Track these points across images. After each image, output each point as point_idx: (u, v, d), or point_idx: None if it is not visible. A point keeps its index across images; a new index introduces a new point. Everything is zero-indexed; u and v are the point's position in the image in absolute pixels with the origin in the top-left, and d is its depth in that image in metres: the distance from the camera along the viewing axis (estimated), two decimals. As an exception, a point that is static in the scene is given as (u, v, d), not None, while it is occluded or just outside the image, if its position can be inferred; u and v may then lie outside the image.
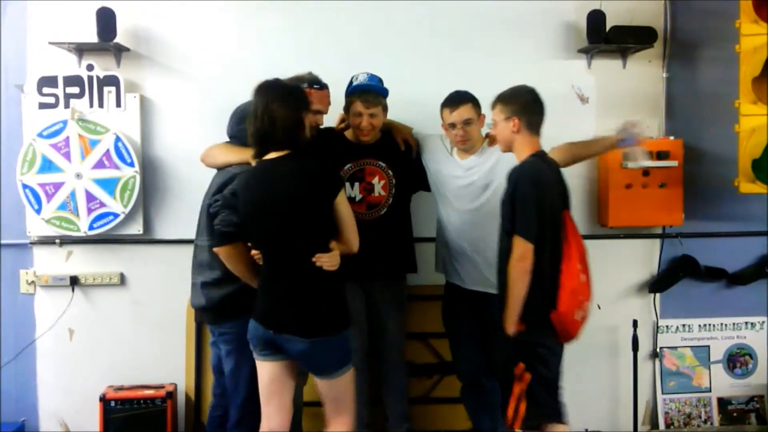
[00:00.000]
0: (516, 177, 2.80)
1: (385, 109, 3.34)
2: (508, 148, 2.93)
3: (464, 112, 3.22)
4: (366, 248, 2.84)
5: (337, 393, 2.78)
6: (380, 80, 3.35)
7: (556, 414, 2.95)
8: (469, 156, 3.31)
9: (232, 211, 2.82)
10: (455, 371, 3.55)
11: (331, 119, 3.38)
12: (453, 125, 3.24)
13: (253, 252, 2.81)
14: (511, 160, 2.92)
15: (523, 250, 2.76)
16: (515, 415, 2.83)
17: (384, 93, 3.32)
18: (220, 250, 2.84)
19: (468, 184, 3.29)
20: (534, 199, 2.75)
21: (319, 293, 2.67)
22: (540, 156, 2.89)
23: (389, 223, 3.37)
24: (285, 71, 2.99)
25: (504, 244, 2.87)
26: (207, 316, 3.08)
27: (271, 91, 2.72)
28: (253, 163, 2.86)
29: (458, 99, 3.25)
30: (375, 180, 3.36)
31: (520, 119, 2.88)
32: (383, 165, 3.38)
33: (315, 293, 2.67)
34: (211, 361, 3.20)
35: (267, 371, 2.78)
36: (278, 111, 2.66)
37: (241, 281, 2.88)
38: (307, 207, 2.65)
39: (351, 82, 3.33)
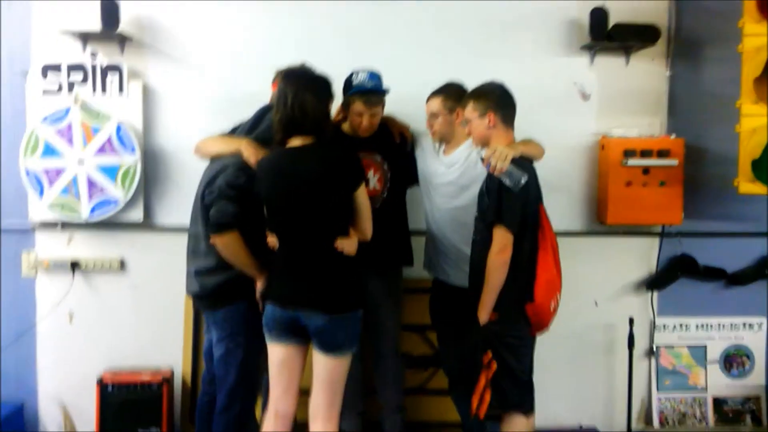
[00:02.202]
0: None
1: (383, 105, 3.35)
2: (484, 144, 2.95)
3: (432, 105, 3.29)
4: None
5: (339, 375, 2.82)
6: (379, 77, 3.34)
7: (520, 405, 2.98)
8: (452, 152, 3.32)
9: (228, 201, 2.86)
10: (442, 366, 3.58)
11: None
12: (428, 116, 3.30)
13: (269, 238, 2.86)
14: None
15: (504, 241, 2.81)
16: (480, 404, 2.87)
17: (385, 92, 3.32)
18: (216, 240, 2.87)
19: (448, 182, 3.30)
20: (520, 191, 2.78)
21: (338, 273, 2.78)
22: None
23: (385, 216, 3.36)
24: (288, 61, 2.99)
25: (481, 235, 2.90)
26: (201, 303, 3.13)
27: (302, 80, 2.79)
28: (247, 151, 2.89)
29: (434, 92, 3.30)
30: (370, 173, 3.38)
31: (495, 114, 2.91)
32: (379, 159, 3.40)
33: (334, 273, 2.77)
34: (204, 347, 3.25)
35: (279, 355, 2.84)
36: (309, 100, 2.73)
37: (235, 269, 2.92)
38: (331, 194, 2.74)
39: (350, 80, 3.32)
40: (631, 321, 3.78)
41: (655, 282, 3.90)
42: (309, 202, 2.74)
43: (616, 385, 3.93)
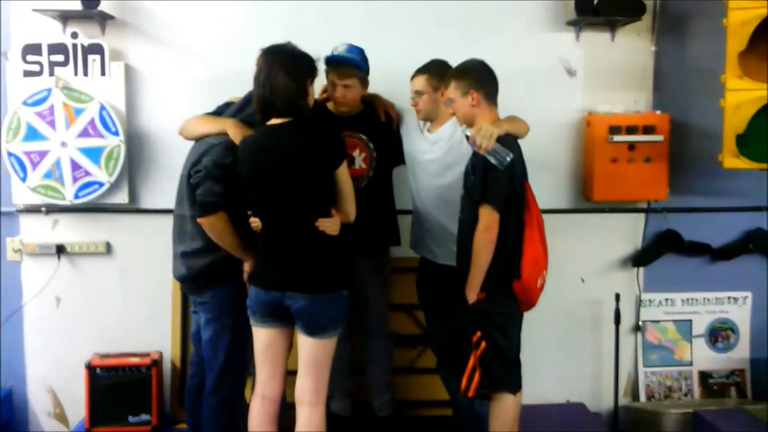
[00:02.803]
0: None
1: (363, 82, 3.32)
2: (469, 123, 2.94)
3: (416, 83, 3.27)
4: (347, 220, 2.87)
5: (323, 357, 2.81)
6: (361, 51, 3.32)
7: (508, 384, 3.00)
8: (437, 130, 3.31)
9: (215, 181, 2.84)
10: (430, 345, 3.60)
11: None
12: (412, 94, 3.29)
13: (252, 219, 2.84)
14: None
15: (490, 219, 2.81)
16: (469, 383, 2.88)
17: (360, 65, 3.29)
18: (203, 221, 2.86)
19: (433, 159, 3.29)
20: (506, 169, 2.77)
21: (320, 254, 2.76)
22: None
23: (370, 196, 3.35)
24: (273, 40, 2.93)
25: (467, 213, 2.90)
26: (188, 285, 3.12)
27: (276, 58, 2.75)
28: (233, 131, 2.87)
29: (418, 69, 3.29)
30: (356, 153, 3.37)
31: (478, 92, 2.91)
32: (364, 138, 3.38)
33: (316, 254, 2.76)
34: (191, 330, 3.25)
35: (263, 338, 2.83)
36: (280, 79, 2.70)
37: (222, 251, 2.91)
38: (309, 174, 2.71)
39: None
40: (618, 297, 3.81)
41: (641, 258, 3.92)
42: (288, 181, 2.71)
43: (602, 361, 3.96)
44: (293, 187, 2.72)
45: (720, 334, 4.01)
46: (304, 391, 2.81)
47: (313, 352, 2.78)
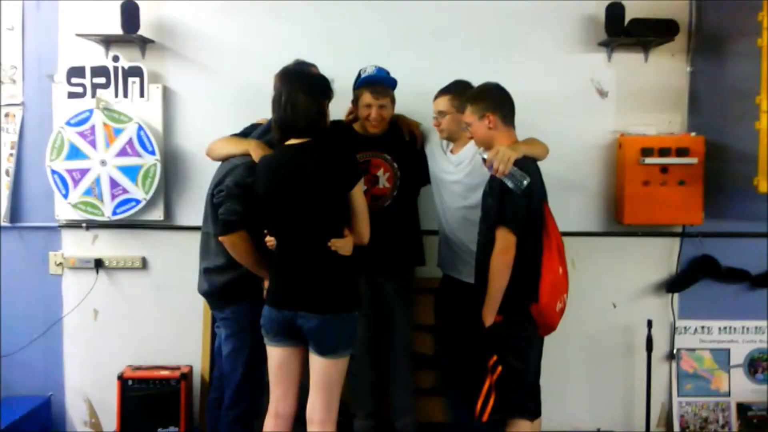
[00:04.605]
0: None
1: (393, 101, 3.37)
2: (488, 146, 2.92)
3: (439, 103, 3.28)
4: (371, 240, 2.89)
5: (334, 377, 2.81)
6: (387, 72, 3.37)
7: (524, 410, 2.93)
8: (460, 151, 3.30)
9: (236, 201, 2.91)
10: (439, 361, 3.57)
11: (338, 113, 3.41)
12: (435, 114, 3.29)
13: (268, 238, 2.88)
14: None
15: (506, 242, 2.78)
16: (483, 407, 2.84)
17: (392, 84, 3.34)
18: (224, 239, 2.93)
19: (457, 180, 3.29)
20: (523, 192, 2.74)
21: (332, 274, 2.78)
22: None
23: (394, 216, 3.39)
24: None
25: (485, 236, 2.87)
26: (210, 301, 3.19)
27: (295, 80, 2.82)
28: (256, 152, 2.94)
29: (441, 90, 3.30)
30: (380, 172, 3.40)
31: (494, 114, 2.89)
32: (389, 158, 3.42)
33: (328, 274, 2.77)
34: (215, 344, 3.30)
35: (277, 357, 2.86)
36: (301, 100, 2.75)
37: (242, 268, 2.97)
38: (324, 193, 2.74)
39: (359, 74, 3.36)
40: (650, 323, 3.70)
41: (676, 283, 3.80)
42: (302, 201, 2.75)
43: (635, 389, 3.85)
44: (307, 206, 2.75)
45: (760, 365, 3.85)
46: (314, 410, 2.82)
47: (324, 372, 2.78)
